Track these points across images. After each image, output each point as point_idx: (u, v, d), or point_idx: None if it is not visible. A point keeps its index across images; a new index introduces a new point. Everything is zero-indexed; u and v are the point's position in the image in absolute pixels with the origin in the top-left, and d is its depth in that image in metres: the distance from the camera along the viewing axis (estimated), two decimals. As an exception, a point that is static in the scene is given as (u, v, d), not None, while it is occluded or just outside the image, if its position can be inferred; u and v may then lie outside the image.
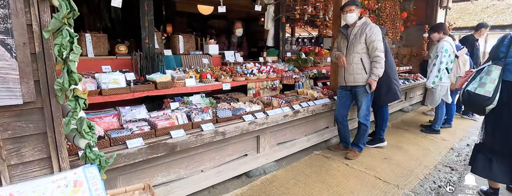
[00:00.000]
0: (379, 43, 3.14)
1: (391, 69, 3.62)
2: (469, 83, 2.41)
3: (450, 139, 4.43)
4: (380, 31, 3.20)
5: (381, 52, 3.15)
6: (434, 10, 6.95)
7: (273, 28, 4.62)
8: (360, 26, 3.22)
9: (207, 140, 2.41)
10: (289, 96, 3.63)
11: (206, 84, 3.13)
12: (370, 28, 3.16)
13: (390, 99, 3.65)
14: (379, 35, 3.16)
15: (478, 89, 2.31)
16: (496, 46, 2.43)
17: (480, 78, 2.34)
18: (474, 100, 2.35)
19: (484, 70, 2.37)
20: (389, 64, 3.61)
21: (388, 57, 3.64)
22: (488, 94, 2.28)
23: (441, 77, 4.26)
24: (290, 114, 3.09)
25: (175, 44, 3.72)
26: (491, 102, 2.28)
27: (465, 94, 2.39)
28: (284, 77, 3.82)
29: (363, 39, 3.18)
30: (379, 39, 3.16)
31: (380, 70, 3.17)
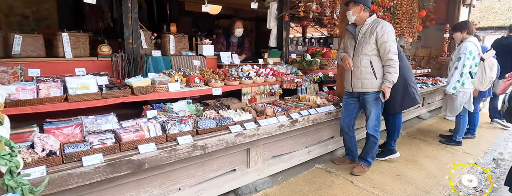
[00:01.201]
0: (392, 44, 2.73)
1: (406, 70, 3.18)
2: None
3: (473, 152, 3.93)
4: (392, 30, 2.78)
5: (394, 55, 2.74)
6: (456, 8, 6.41)
7: (276, 27, 4.25)
8: (370, 25, 2.82)
9: (183, 156, 2.08)
10: (289, 102, 3.26)
11: (194, 89, 2.80)
12: (382, 27, 2.75)
13: (407, 105, 3.21)
14: (392, 35, 2.75)
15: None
16: None
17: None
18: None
19: None
20: (404, 66, 3.18)
21: (402, 58, 3.21)
22: None
23: (463, 82, 3.77)
24: (287, 124, 2.72)
25: (165, 44, 3.41)
26: None
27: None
28: (285, 81, 3.45)
29: (374, 39, 2.77)
30: (393, 39, 2.75)
31: (394, 76, 2.76)
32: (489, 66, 3.71)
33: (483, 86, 3.77)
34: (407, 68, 3.18)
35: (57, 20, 5.98)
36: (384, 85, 2.77)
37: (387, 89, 2.77)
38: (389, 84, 2.76)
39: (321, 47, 5.20)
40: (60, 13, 6.00)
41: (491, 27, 11.29)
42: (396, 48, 2.76)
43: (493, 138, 4.60)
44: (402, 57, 3.20)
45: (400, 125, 3.44)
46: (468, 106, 3.89)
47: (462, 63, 3.69)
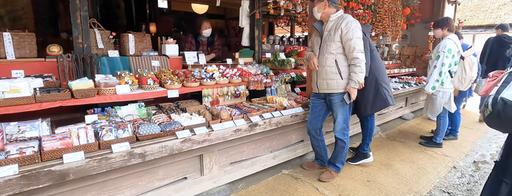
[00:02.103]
0: (357, 42, 2.55)
1: (378, 71, 3.00)
2: (502, 88, 1.70)
3: (453, 155, 3.76)
4: (358, 26, 2.60)
5: (360, 53, 2.55)
6: (441, 6, 6.26)
7: (248, 26, 4.07)
8: (335, 21, 2.64)
9: (118, 165, 1.89)
10: (254, 104, 3.07)
11: (146, 91, 2.61)
12: (347, 23, 2.57)
13: (379, 106, 3.03)
14: (357, 32, 2.57)
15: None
16: None
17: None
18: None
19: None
20: (376, 65, 3.01)
21: (375, 58, 3.04)
22: None
23: (442, 81, 3.61)
24: (245, 128, 2.53)
25: (124, 44, 3.22)
26: None
27: (499, 104, 1.67)
28: (251, 81, 3.26)
29: (338, 37, 2.59)
30: (358, 36, 2.56)
31: (360, 76, 2.57)
32: (469, 65, 3.55)
33: (463, 86, 3.61)
34: (379, 68, 3.01)
35: (33, 20, 5.80)
36: (349, 86, 2.60)
37: (353, 90, 2.59)
38: (355, 84, 2.57)
39: (299, 46, 5.01)
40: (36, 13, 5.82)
41: (481, 25, 11.18)
42: (362, 45, 2.58)
43: (476, 139, 4.45)
44: (375, 57, 3.03)
45: (373, 128, 3.26)
46: (449, 106, 3.73)
47: (441, 61, 3.53)
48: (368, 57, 2.94)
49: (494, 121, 1.76)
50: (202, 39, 4.30)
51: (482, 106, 1.81)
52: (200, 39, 4.29)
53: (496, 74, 1.91)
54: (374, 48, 3.08)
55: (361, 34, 2.61)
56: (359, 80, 2.56)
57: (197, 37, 4.25)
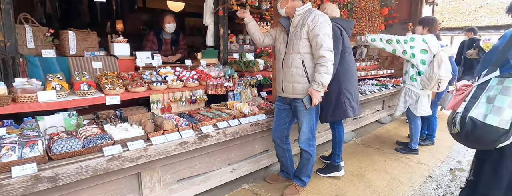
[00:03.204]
0: (325, 39, 2.23)
1: (345, 76, 2.73)
2: (470, 105, 1.54)
3: (429, 162, 3.55)
4: (327, 21, 2.28)
5: (327, 51, 2.23)
6: (419, 6, 6.11)
7: (212, 24, 3.72)
8: (301, 15, 2.32)
9: (18, 192, 1.51)
10: (212, 111, 2.74)
11: (80, 98, 2.23)
12: (314, 18, 2.25)
13: (338, 115, 2.77)
14: (325, 28, 2.25)
15: (489, 116, 1.47)
16: (504, 48, 1.58)
17: (489, 98, 1.51)
18: (482, 134, 1.49)
19: (492, 85, 1.54)
20: (344, 69, 2.73)
21: (345, 60, 2.76)
22: (504, 126, 1.44)
23: (414, 78, 3.45)
24: (192, 141, 2.19)
25: (64, 42, 2.81)
26: (509, 137, 1.46)
27: (467, 125, 1.51)
28: (210, 85, 2.93)
29: (305, 33, 2.28)
30: (326, 32, 2.25)
31: (325, 77, 2.24)
32: (437, 62, 3.30)
33: (430, 85, 3.33)
34: (346, 73, 2.73)
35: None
36: (311, 88, 2.27)
37: (315, 93, 2.27)
38: (317, 86, 2.25)
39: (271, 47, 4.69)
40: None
41: (459, 27, 11.23)
42: (331, 43, 2.27)
43: (453, 144, 4.26)
44: (346, 59, 2.75)
45: (342, 137, 2.98)
46: (414, 109, 3.52)
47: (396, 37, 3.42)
48: (337, 58, 2.67)
49: (461, 140, 1.61)
50: (165, 37, 3.92)
51: (448, 122, 1.64)
52: (163, 37, 3.91)
53: (463, 87, 1.72)
54: (348, 50, 2.80)
55: (330, 31, 2.30)
56: (323, 82, 2.23)
57: (159, 35, 3.87)
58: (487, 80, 1.55)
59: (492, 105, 1.46)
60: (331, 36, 2.29)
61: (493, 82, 1.52)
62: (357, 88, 2.95)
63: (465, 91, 1.70)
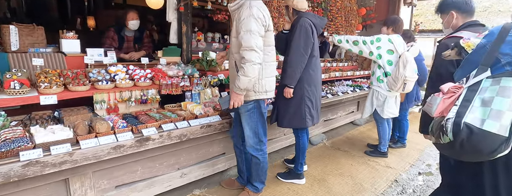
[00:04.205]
0: (246, 36, 1.95)
1: (309, 82, 2.63)
2: (463, 110, 1.33)
3: (397, 166, 3.46)
4: (254, 15, 1.97)
5: (247, 51, 1.97)
6: (397, 7, 6.05)
7: (175, 20, 3.56)
8: (235, 12, 2.15)
9: None
10: (162, 112, 2.58)
11: (8, 97, 2.05)
12: (241, 11, 2.03)
13: (296, 124, 2.68)
14: (250, 22, 1.95)
15: (488, 122, 1.26)
16: (492, 46, 1.40)
17: (484, 101, 1.31)
18: (480, 143, 1.27)
19: (485, 86, 1.34)
20: (309, 75, 2.63)
21: (312, 64, 2.64)
22: (504, 132, 1.24)
23: (381, 79, 3.35)
24: (130, 144, 2.03)
25: (5, 37, 2.61)
26: (509, 145, 1.26)
27: (463, 132, 1.29)
28: (164, 85, 2.76)
29: (235, 32, 2.11)
30: (249, 29, 1.95)
31: (242, 81, 2.01)
32: (403, 63, 3.20)
33: (396, 86, 3.24)
34: (309, 80, 2.63)
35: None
36: (231, 89, 2.16)
37: (232, 95, 2.11)
38: (236, 89, 2.07)
39: None
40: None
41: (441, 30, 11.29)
42: (254, 41, 1.96)
43: (425, 146, 4.19)
44: (312, 64, 2.64)
45: (305, 145, 2.84)
46: (381, 111, 3.43)
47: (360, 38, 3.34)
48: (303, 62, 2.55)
49: (453, 150, 1.37)
50: (127, 34, 3.73)
51: (436, 130, 1.43)
52: (125, 34, 3.72)
53: (453, 89, 1.48)
54: (316, 53, 2.68)
55: (256, 26, 1.97)
56: (240, 86, 2.03)
57: (120, 32, 3.68)
58: (478, 81, 1.37)
59: (489, 109, 1.27)
60: (255, 33, 1.96)
61: (485, 83, 1.34)
62: (320, 95, 2.85)
63: (455, 93, 1.47)
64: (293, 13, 2.74)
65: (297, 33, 2.56)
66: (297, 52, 2.55)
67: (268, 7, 3.90)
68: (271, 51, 2.23)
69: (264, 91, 2.22)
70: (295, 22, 2.66)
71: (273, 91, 2.36)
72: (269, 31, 2.16)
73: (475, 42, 2.17)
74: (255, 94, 2.20)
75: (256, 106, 2.24)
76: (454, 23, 1.95)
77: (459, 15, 1.92)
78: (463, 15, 1.92)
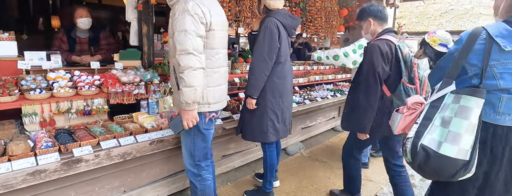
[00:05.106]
0: (180, 38, 1.62)
1: (274, 93, 2.33)
2: (423, 130, 1.26)
3: (378, 178, 3.20)
4: (190, 11, 1.63)
5: (182, 56, 1.63)
6: (379, 8, 5.83)
7: (136, 20, 3.20)
8: (174, 3, 1.77)
9: None
10: (109, 125, 2.22)
11: None
12: (179, 4, 1.69)
13: (257, 137, 2.40)
14: (184, 22, 1.61)
15: (444, 145, 1.19)
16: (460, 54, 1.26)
17: (444, 121, 1.23)
18: (437, 167, 1.20)
19: (447, 103, 1.25)
20: (273, 85, 2.33)
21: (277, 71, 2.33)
22: (463, 156, 1.16)
23: None
24: (54, 168, 1.68)
25: None
26: (469, 170, 1.19)
27: (419, 155, 1.22)
28: (113, 93, 2.41)
29: (171, 32, 1.77)
30: (182, 28, 1.62)
31: (187, 92, 1.65)
32: None
33: None
34: (275, 90, 2.33)
35: None
36: (179, 107, 1.76)
37: (182, 113, 1.73)
38: (184, 106, 1.69)
39: None
40: None
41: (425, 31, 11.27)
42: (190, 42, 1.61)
43: (408, 155, 3.96)
44: (277, 72, 2.33)
45: (273, 162, 2.53)
46: None
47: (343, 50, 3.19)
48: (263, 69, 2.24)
49: (416, 170, 1.29)
50: (79, 35, 3.34)
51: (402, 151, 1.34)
52: (77, 35, 3.33)
53: (414, 105, 1.40)
54: (283, 59, 2.36)
55: (192, 25, 1.63)
56: (186, 100, 1.66)
57: (70, 32, 3.30)
58: (441, 96, 1.27)
59: (447, 131, 1.20)
60: (190, 31, 1.62)
61: (448, 99, 1.25)
62: (290, 106, 2.55)
63: (416, 110, 1.38)
64: (263, 10, 2.45)
65: (261, 36, 2.26)
66: (260, 58, 2.25)
67: (240, 5, 3.64)
68: (215, 55, 1.84)
69: (205, 103, 1.84)
70: (261, 22, 2.37)
71: (222, 102, 2.00)
72: (213, 30, 1.77)
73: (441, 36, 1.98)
74: None
75: None
76: (373, 29, 2.13)
77: (375, 22, 2.11)
78: (379, 22, 2.11)
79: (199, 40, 1.67)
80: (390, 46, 2.01)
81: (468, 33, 1.28)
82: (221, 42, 1.89)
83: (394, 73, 2.04)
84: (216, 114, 1.96)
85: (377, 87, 1.99)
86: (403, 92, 2.01)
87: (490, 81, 1.21)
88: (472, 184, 1.31)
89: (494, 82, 1.21)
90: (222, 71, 1.94)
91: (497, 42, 1.19)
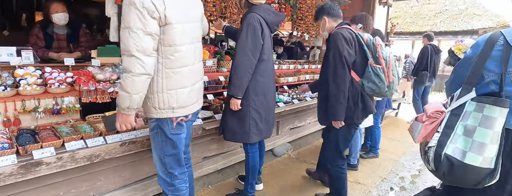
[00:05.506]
0: (125, 35, 1.42)
1: (255, 90, 2.24)
2: (445, 139, 1.25)
3: (367, 181, 3.10)
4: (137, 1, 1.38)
5: (126, 57, 1.45)
6: (372, 6, 5.76)
7: (116, 15, 3.06)
8: None
9: None
10: (78, 125, 2.09)
11: None
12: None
13: (237, 139, 2.35)
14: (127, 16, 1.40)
15: (469, 155, 1.19)
16: (478, 60, 1.26)
17: (467, 130, 1.22)
18: (462, 176, 1.21)
19: (469, 111, 1.24)
20: (256, 83, 2.24)
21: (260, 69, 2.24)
22: (488, 165, 1.17)
23: None
24: (10, 172, 1.54)
25: None
26: (495, 177, 1.20)
27: (443, 165, 1.23)
28: (85, 91, 2.27)
29: None
30: (128, 25, 1.41)
31: (122, 97, 1.49)
32: None
33: None
34: (257, 88, 2.24)
35: None
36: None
37: (119, 116, 1.58)
38: (120, 109, 1.54)
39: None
40: None
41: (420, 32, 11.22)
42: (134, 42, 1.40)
43: (400, 156, 3.88)
44: (261, 69, 2.24)
45: (255, 163, 2.43)
46: None
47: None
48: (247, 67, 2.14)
49: (440, 178, 1.34)
50: (57, 31, 3.19)
51: (422, 155, 1.38)
52: (54, 32, 3.18)
53: (434, 114, 1.37)
54: (266, 56, 2.27)
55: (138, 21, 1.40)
56: (121, 104, 1.51)
57: (47, 29, 3.15)
58: (461, 104, 1.27)
59: (471, 140, 1.20)
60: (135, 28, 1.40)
61: (469, 107, 1.25)
62: (273, 105, 2.45)
63: (437, 119, 1.36)
64: (245, 4, 2.33)
65: (244, 32, 2.15)
66: (244, 55, 2.14)
67: (225, 1, 3.51)
68: (174, 53, 1.57)
69: (168, 107, 1.63)
70: (243, 18, 2.26)
71: (192, 106, 1.77)
72: (170, 24, 1.51)
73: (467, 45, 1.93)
74: (155, 111, 1.64)
75: (157, 126, 1.68)
76: (328, 26, 2.22)
77: (330, 19, 2.21)
78: (334, 18, 2.20)
79: (148, 39, 1.43)
80: (351, 33, 2.09)
81: (485, 38, 1.27)
82: (183, 38, 1.61)
83: (359, 57, 2.11)
84: (185, 117, 1.75)
85: (345, 72, 2.01)
86: (372, 73, 2.07)
87: (509, 87, 1.20)
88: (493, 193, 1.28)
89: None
90: (185, 71, 1.66)
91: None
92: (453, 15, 11.13)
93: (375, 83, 2.06)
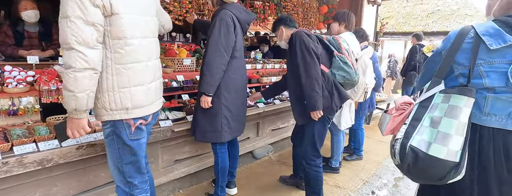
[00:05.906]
0: (63, 25, 1.26)
1: (227, 87, 2.15)
2: (411, 130, 1.23)
3: (347, 185, 3.01)
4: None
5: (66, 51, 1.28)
6: (360, 5, 5.67)
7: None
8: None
9: None
10: (35, 127, 1.97)
11: None
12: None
13: (207, 138, 2.26)
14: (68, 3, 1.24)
15: (434, 146, 1.16)
16: (448, 53, 1.25)
17: (433, 121, 1.20)
18: (426, 168, 1.18)
19: (436, 103, 1.23)
20: (228, 80, 2.16)
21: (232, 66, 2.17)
22: (453, 158, 1.13)
23: None
24: None
25: None
26: (459, 172, 1.15)
27: (408, 156, 1.20)
28: (45, 91, 2.15)
29: None
30: (66, 14, 1.24)
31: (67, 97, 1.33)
32: (361, 68, 2.81)
33: (357, 95, 2.86)
34: (229, 85, 2.16)
35: None
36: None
37: (69, 122, 1.41)
38: (69, 113, 1.38)
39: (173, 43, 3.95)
40: None
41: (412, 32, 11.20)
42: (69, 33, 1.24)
43: (384, 158, 3.79)
44: (233, 66, 2.17)
45: (225, 165, 2.33)
46: (337, 122, 2.98)
47: None
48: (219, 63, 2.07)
49: (404, 173, 1.29)
50: (28, 28, 3.05)
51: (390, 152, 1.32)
52: (25, 29, 3.05)
53: (402, 106, 1.37)
54: (238, 53, 2.21)
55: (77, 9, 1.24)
56: (67, 107, 1.35)
57: (17, 26, 3.01)
58: (430, 96, 1.26)
59: (437, 131, 1.17)
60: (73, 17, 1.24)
61: (437, 99, 1.23)
62: (244, 102, 2.37)
63: (405, 110, 1.36)
64: (217, 2, 2.26)
65: (217, 28, 2.07)
66: (217, 52, 2.06)
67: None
68: (124, 47, 1.43)
69: (121, 108, 1.48)
70: (215, 14, 2.18)
71: (150, 106, 1.62)
72: (117, 14, 1.37)
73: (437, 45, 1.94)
74: (106, 112, 1.48)
75: (113, 132, 1.53)
76: (285, 35, 2.32)
77: (286, 29, 2.32)
78: (289, 28, 2.32)
79: (90, 29, 1.28)
80: (310, 33, 2.15)
81: (457, 31, 1.26)
82: (134, 30, 1.46)
83: (323, 51, 2.16)
84: (145, 120, 1.61)
85: (314, 61, 2.02)
86: (340, 61, 2.15)
87: (476, 80, 1.19)
88: (461, 188, 1.25)
89: (480, 81, 1.18)
90: (139, 67, 1.51)
91: (483, 41, 1.16)
92: (445, 16, 11.12)
93: (345, 70, 2.14)
